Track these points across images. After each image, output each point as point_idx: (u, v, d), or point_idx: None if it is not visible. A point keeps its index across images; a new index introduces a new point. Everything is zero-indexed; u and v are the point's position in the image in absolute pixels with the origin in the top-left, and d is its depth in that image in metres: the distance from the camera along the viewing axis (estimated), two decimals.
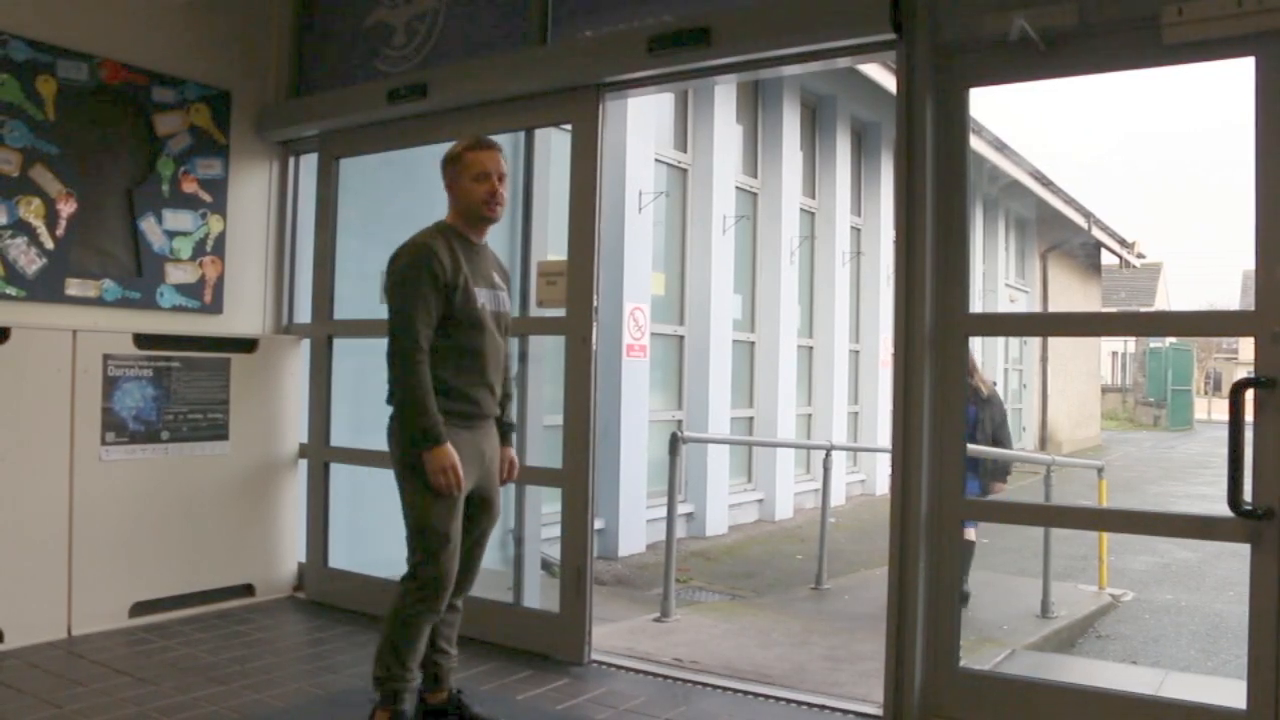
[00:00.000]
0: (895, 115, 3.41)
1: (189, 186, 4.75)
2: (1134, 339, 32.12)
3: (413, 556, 3.05)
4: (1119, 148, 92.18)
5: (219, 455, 4.74)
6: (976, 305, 15.18)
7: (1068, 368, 20.45)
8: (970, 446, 4.47)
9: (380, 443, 3.12)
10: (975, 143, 13.04)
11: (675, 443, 5.54)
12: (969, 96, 3.33)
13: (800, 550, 8.74)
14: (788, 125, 11.07)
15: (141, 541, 4.45)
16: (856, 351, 13.16)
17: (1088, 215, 19.01)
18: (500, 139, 5.44)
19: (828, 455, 7.28)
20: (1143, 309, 30.86)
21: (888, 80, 10.53)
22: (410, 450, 2.99)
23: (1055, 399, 19.88)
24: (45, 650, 4.02)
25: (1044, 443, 19.25)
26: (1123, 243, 21.51)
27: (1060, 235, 19.76)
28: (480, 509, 3.23)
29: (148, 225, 4.59)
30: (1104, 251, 22.00)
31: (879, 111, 12.70)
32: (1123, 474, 14.66)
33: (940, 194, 3.35)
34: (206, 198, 4.81)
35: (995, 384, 4.89)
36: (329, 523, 4.97)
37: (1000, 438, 5.99)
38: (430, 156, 5.21)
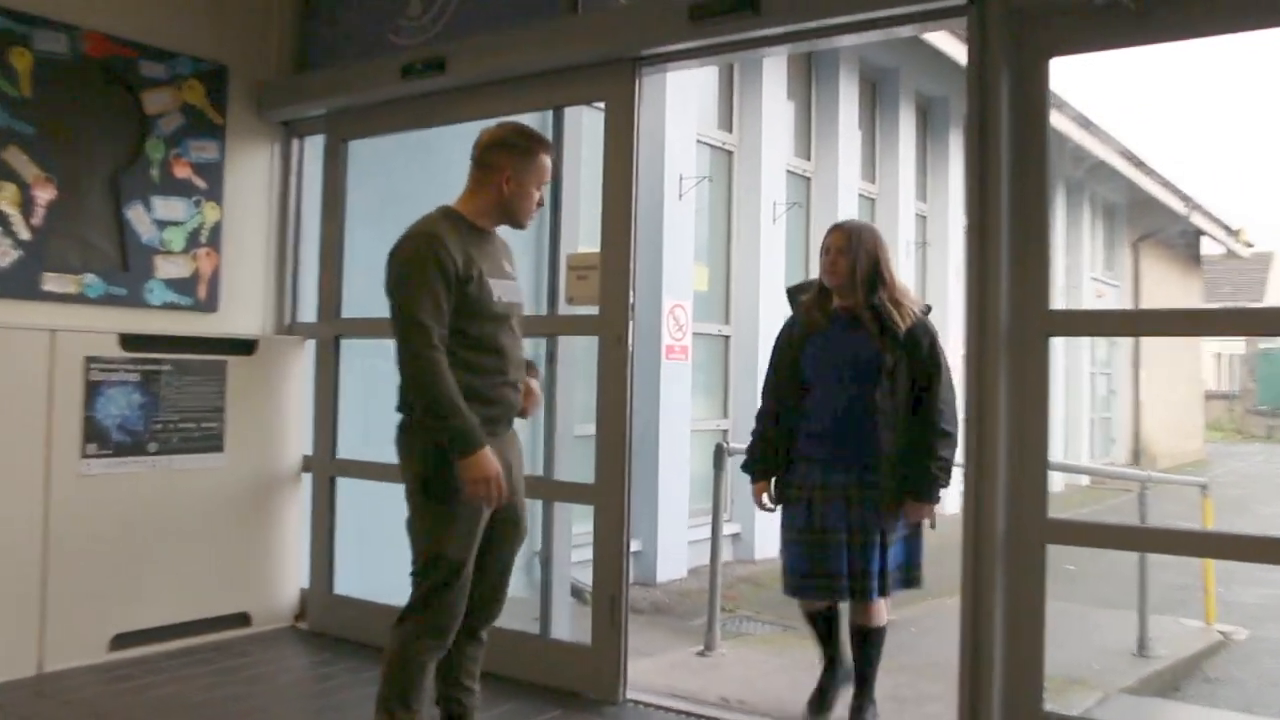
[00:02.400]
0: (965, 89, 3.37)
1: (181, 171, 4.79)
2: (1242, 339, 31.64)
3: (419, 588, 3.04)
4: (1223, 123, 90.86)
5: (213, 469, 4.76)
6: (1058, 302, 14.96)
7: (1165, 372, 20.18)
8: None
9: (394, 453, 3.11)
10: (1056, 119, 12.91)
11: (720, 455, 5.51)
12: (1049, 67, 3.29)
13: None
14: (845, 102, 11.00)
15: (125, 565, 4.47)
16: None
17: (1187, 199, 18.76)
18: (527, 119, 5.50)
19: None
20: (1251, 305, 30.38)
21: (957, 50, 10.44)
22: (428, 464, 2.98)
23: (1150, 407, 19.62)
24: (11, 690, 3.98)
25: (1137, 456, 19.01)
26: (1228, 230, 21.21)
27: (1155, 222, 19.49)
28: (506, 530, 3.22)
29: (135, 214, 4.63)
30: (1206, 240, 21.70)
31: (947, 85, 12.59)
32: (1230, 492, 14.43)
33: (1017, 177, 3.31)
34: (201, 184, 4.85)
35: (930, 310, 3.83)
36: (335, 544, 4.98)
37: (932, 414, 3.63)
38: (450, 138, 5.26)
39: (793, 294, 3.97)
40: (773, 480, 3.90)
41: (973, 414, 3.31)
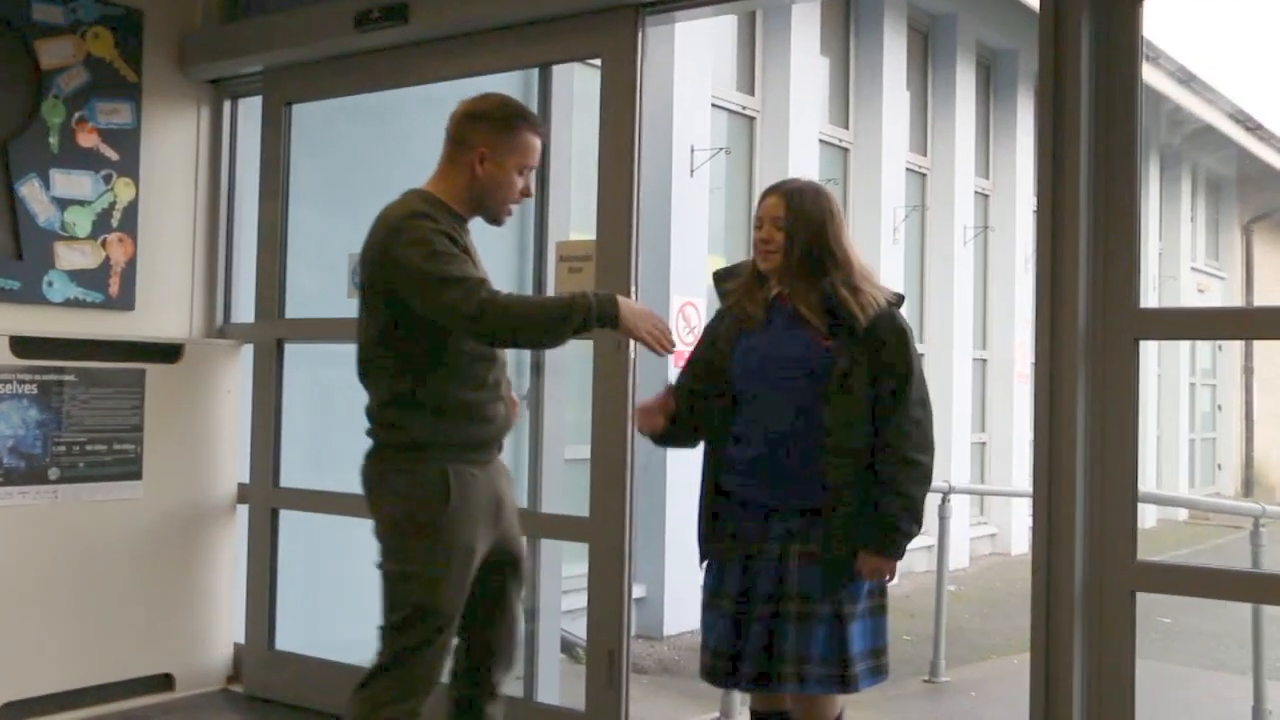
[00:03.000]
0: (1038, 40, 3.35)
1: (87, 139, 4.77)
2: None
3: (394, 643, 3.05)
4: None
5: (129, 500, 4.75)
6: (1150, 298, 14.99)
7: None
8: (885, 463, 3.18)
9: (350, 480, 3.12)
10: (1150, 74, 12.89)
11: None
12: (1141, 12, 3.27)
13: (910, 628, 8.64)
14: (890, 56, 11.00)
15: (19, 619, 4.44)
16: (983, 360, 13.04)
17: None
18: (508, 80, 5.49)
19: (944, 501, 7.21)
20: None
21: None
22: (413, 498, 3.03)
23: (1265, 426, 19.59)
24: None
25: (1249, 486, 18.97)
26: None
27: (1272, 199, 19.47)
28: (507, 571, 3.27)
29: (30, 191, 4.61)
30: None
31: (1015, 35, 12.60)
32: None
33: (1100, 146, 3.29)
34: (111, 154, 4.84)
35: (902, 301, 3.44)
36: (276, 591, 4.97)
37: (896, 436, 3.22)
38: (413, 102, 5.27)
39: (719, 279, 3.54)
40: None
41: (1043, 434, 3.30)
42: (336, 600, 5.35)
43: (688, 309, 8.35)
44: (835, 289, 3.25)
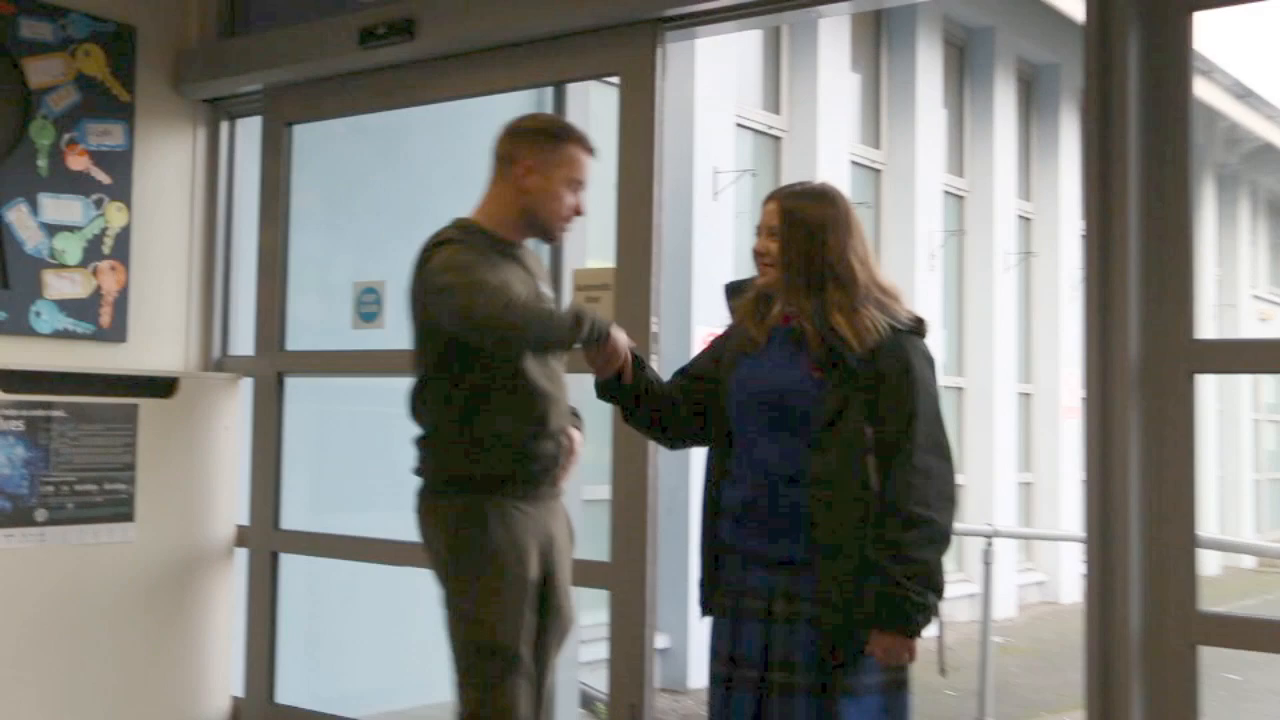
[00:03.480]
0: (1082, 53, 3.34)
1: (77, 162, 4.80)
2: None
3: (471, 691, 3.09)
4: None
5: (121, 543, 4.75)
6: (1206, 328, 14.91)
7: None
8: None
9: (354, 523, 3.12)
10: (1203, 89, 12.89)
11: None
12: (1193, 23, 3.26)
13: (953, 683, 8.57)
14: (924, 72, 11.01)
15: (2, 666, 4.43)
16: (1027, 395, 12.99)
17: None
18: (521, 99, 5.51)
19: (988, 546, 7.16)
20: None
21: (1070, 3, 10.44)
22: (459, 531, 3.09)
23: None
24: None
25: None
26: None
27: None
28: (548, 617, 3.28)
29: (17, 216, 4.64)
30: None
31: (1057, 48, 12.61)
32: None
33: (1151, 166, 3.27)
34: (102, 178, 4.86)
35: (920, 325, 3.13)
36: (277, 639, 4.96)
37: (898, 488, 2.93)
38: (421, 122, 5.29)
39: (730, 294, 3.34)
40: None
41: (1094, 474, 3.27)
42: (341, 650, 5.35)
43: (712, 339, 8.33)
44: (827, 311, 3.02)
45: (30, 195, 4.65)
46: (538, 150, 3.23)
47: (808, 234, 3.06)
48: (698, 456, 8.21)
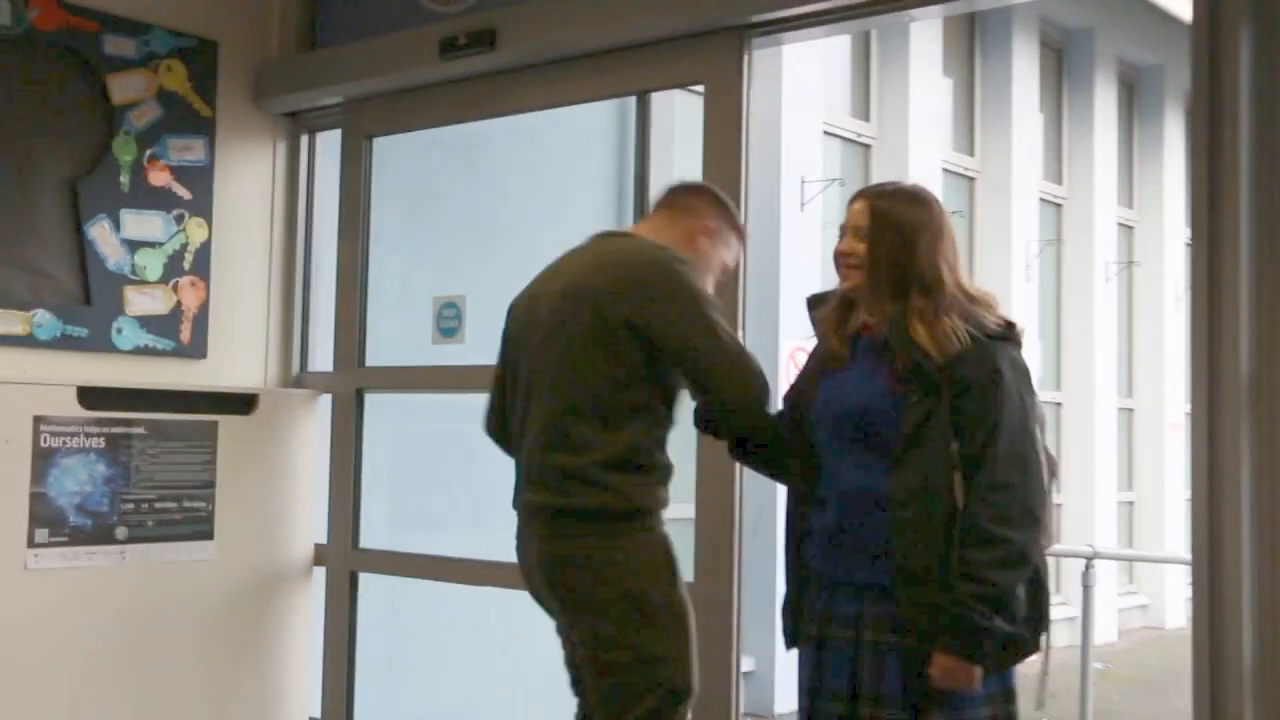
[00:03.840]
0: (1189, 53, 3.28)
1: (159, 177, 4.86)
2: None
3: None
4: None
5: (200, 561, 4.80)
6: None
7: None
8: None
9: (434, 541, 3.13)
10: None
11: None
12: None
13: (1051, 711, 8.48)
14: (1020, 76, 10.91)
15: (83, 688, 4.49)
16: (1129, 410, 12.82)
17: None
18: (603, 109, 5.51)
19: (1088, 568, 7.05)
20: None
21: (1175, 1, 10.31)
22: (655, 570, 3.08)
23: None
24: None
25: None
26: None
27: None
28: None
29: (99, 233, 4.71)
30: None
31: (1160, 49, 12.46)
32: None
33: (1263, 170, 3.21)
34: (183, 193, 4.93)
35: (1013, 330, 3.00)
36: (355, 658, 4.99)
37: (975, 506, 2.85)
38: (503, 134, 5.31)
39: (811, 306, 3.31)
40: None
41: (1201, 492, 3.20)
42: (420, 672, 5.37)
43: (799, 355, 8.30)
44: (907, 318, 2.93)
45: (112, 212, 4.72)
46: (723, 224, 3.38)
47: (898, 236, 2.99)
48: None
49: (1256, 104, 3.24)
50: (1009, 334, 2.98)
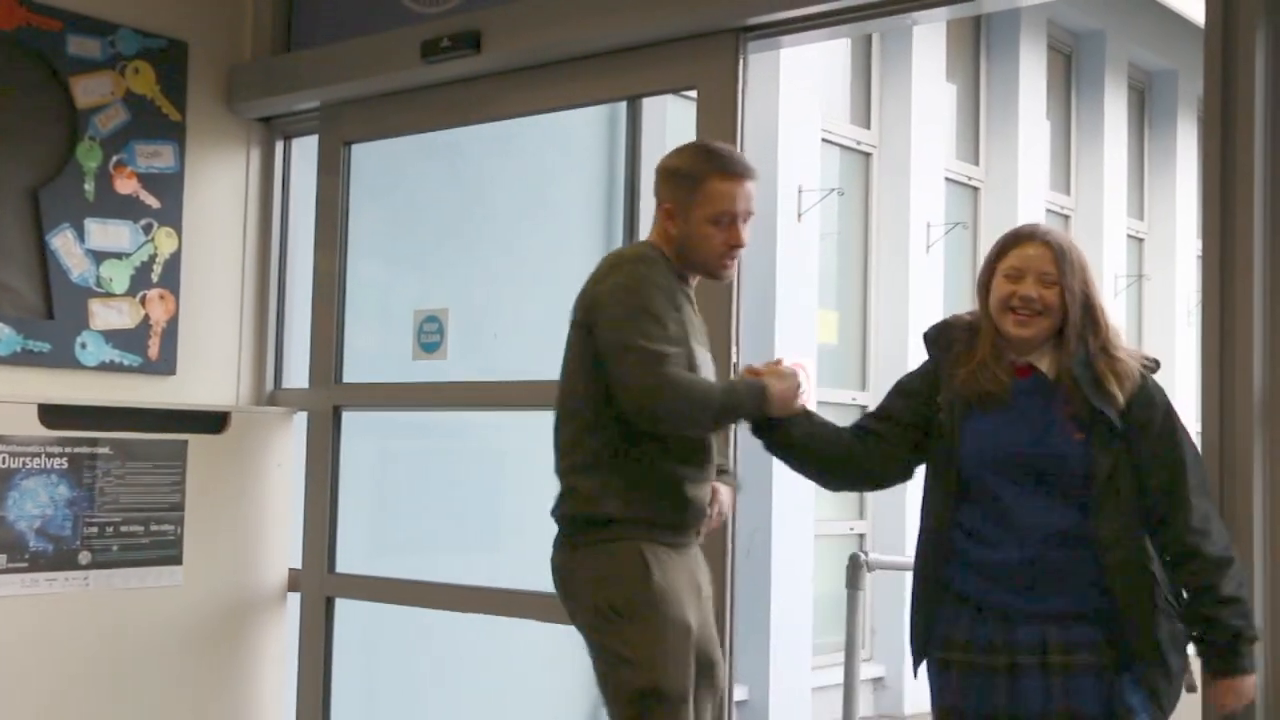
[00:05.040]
0: (1202, 58, 3.31)
1: (125, 185, 4.85)
2: None
3: None
4: None
5: (168, 587, 4.78)
6: None
7: None
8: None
9: (414, 566, 3.13)
10: None
11: (856, 570, 5.42)
12: None
13: None
14: (1027, 81, 10.93)
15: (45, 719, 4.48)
16: None
17: None
18: (593, 115, 5.52)
19: None
20: None
21: (1189, 4, 10.34)
22: (622, 583, 3.10)
23: None
24: None
25: None
26: None
27: None
28: (700, 679, 3.26)
29: (62, 243, 4.70)
30: None
31: (1173, 54, 12.48)
32: None
33: (1277, 181, 3.24)
34: (152, 201, 4.91)
35: (1158, 366, 3.28)
36: (331, 688, 4.97)
37: (1190, 534, 3.09)
38: (487, 140, 5.31)
39: (930, 340, 3.40)
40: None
41: None
42: (399, 702, 5.35)
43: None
44: (1094, 361, 3.13)
45: (76, 221, 4.71)
46: (675, 191, 3.27)
47: (1084, 278, 3.17)
48: (780, 499, 8.14)
49: (1271, 111, 3.26)
50: (1155, 367, 3.24)
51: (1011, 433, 3.17)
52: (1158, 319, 12.87)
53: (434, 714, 5.53)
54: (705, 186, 3.23)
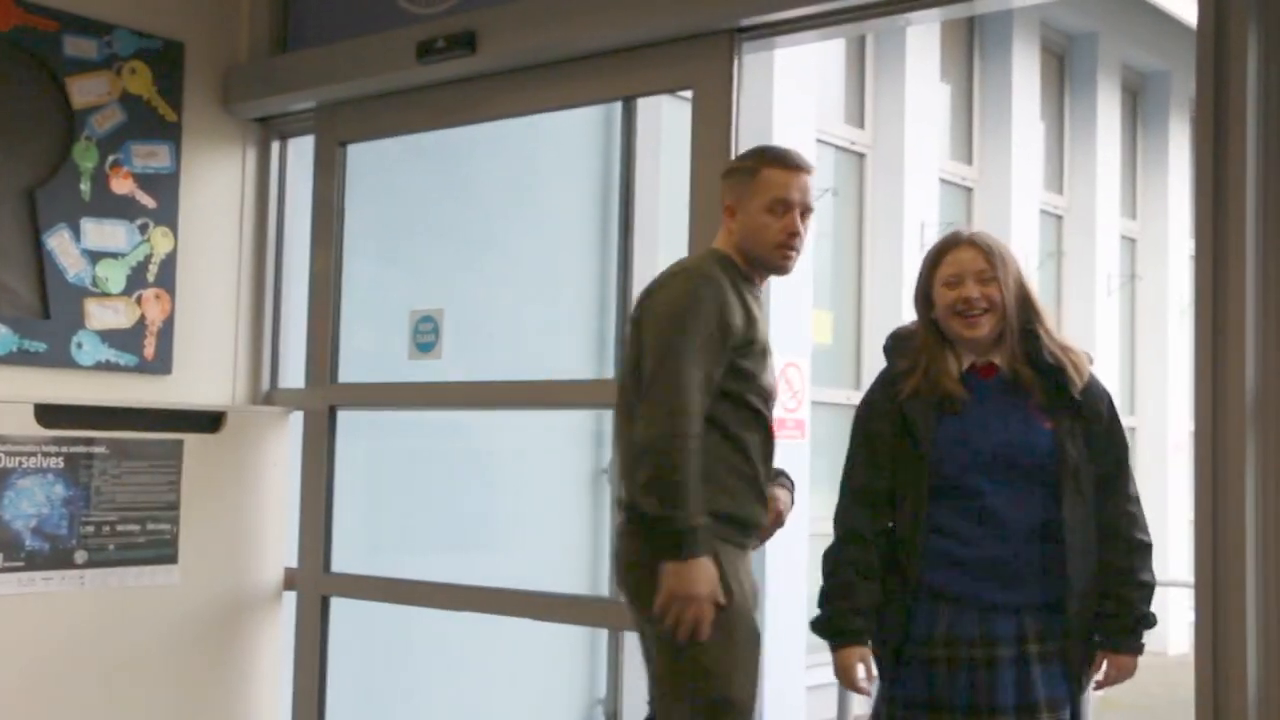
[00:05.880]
0: (1195, 58, 3.30)
1: (121, 185, 4.85)
2: None
3: None
4: None
5: (164, 586, 4.78)
6: None
7: None
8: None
9: (410, 565, 3.13)
10: None
11: None
12: None
13: None
14: (1020, 82, 10.95)
15: (40, 718, 4.46)
16: (1130, 429, 12.83)
17: None
18: (588, 115, 5.52)
19: None
20: None
21: (1181, 5, 10.36)
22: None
23: None
24: None
25: None
26: None
27: None
28: None
29: (59, 243, 4.70)
30: None
31: (1166, 54, 12.51)
32: None
33: (1270, 181, 3.23)
34: (148, 201, 4.91)
35: (1092, 361, 3.41)
36: (326, 687, 4.97)
37: (1122, 519, 3.30)
38: (483, 140, 5.31)
39: (890, 348, 3.49)
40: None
41: (1205, 514, 3.22)
42: (395, 702, 5.35)
43: (790, 371, 8.30)
44: (1049, 350, 3.28)
45: (73, 221, 4.71)
46: (735, 189, 3.34)
47: (1016, 270, 3.32)
48: None
49: (1264, 112, 3.25)
50: (1092, 360, 3.39)
51: (988, 432, 3.27)
52: (1151, 319, 12.90)
53: (429, 713, 5.53)
54: (760, 176, 3.30)
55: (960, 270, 3.28)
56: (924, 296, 3.37)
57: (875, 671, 3.33)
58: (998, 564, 3.22)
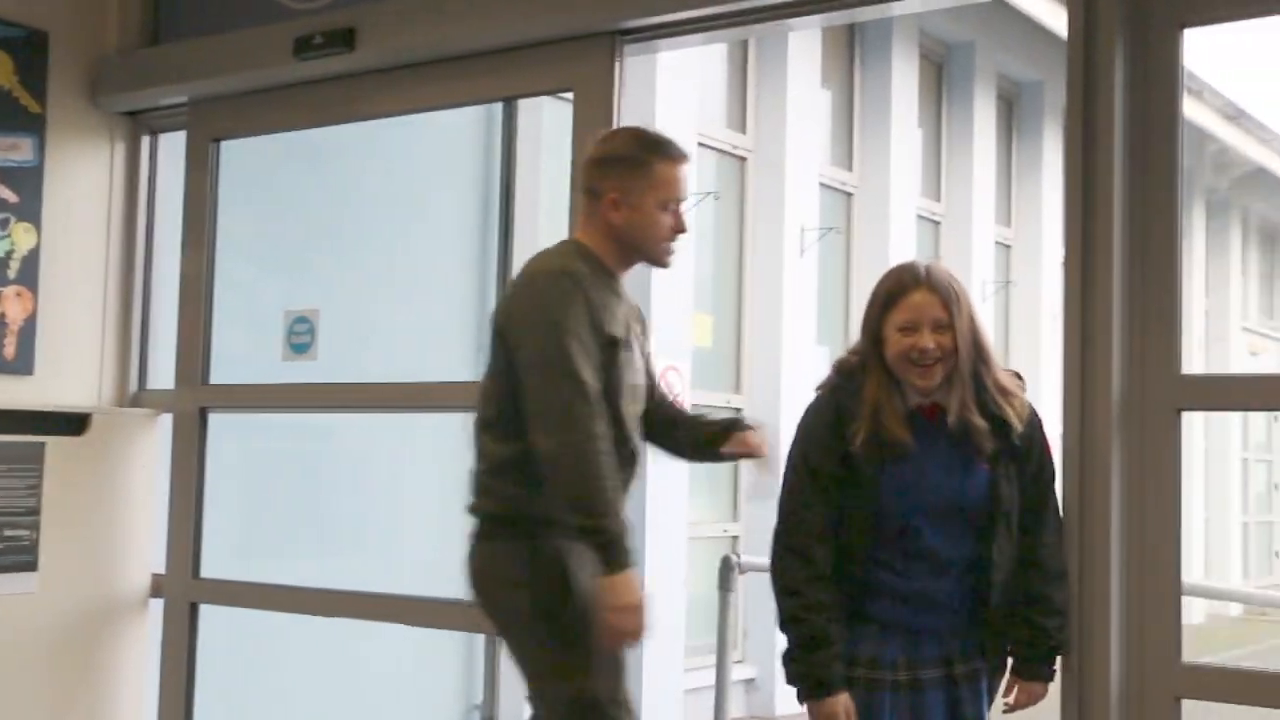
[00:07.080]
0: (1066, 71, 3.37)
1: None
2: None
3: None
4: None
5: (22, 595, 4.69)
6: (1194, 363, 15.03)
7: None
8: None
9: (282, 570, 3.10)
10: (1193, 109, 13.03)
11: (728, 572, 5.47)
12: (1182, 40, 3.30)
13: None
14: (899, 90, 11.08)
15: None
16: None
17: None
18: (468, 115, 5.50)
19: None
20: None
21: (1054, 17, 10.55)
22: (554, 582, 3.09)
23: None
24: None
25: None
26: None
27: None
28: None
29: None
30: None
31: (1040, 65, 12.72)
32: None
33: (1136, 190, 3.31)
34: (9, 196, 4.83)
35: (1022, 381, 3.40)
36: (194, 696, 4.91)
37: (1045, 551, 3.32)
38: (360, 139, 5.28)
39: (842, 385, 3.35)
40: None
41: (1074, 518, 3.29)
42: (266, 709, 5.30)
43: (669, 374, 8.33)
44: (993, 397, 3.24)
45: None
46: (621, 179, 3.25)
47: (970, 314, 3.25)
48: (653, 502, 8.14)
49: (1130, 123, 3.32)
50: (1023, 383, 3.40)
51: (931, 478, 3.25)
52: (1023, 324, 13.11)
53: None
54: (653, 171, 3.26)
55: (917, 317, 3.18)
56: (873, 335, 3.26)
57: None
58: (928, 594, 3.26)
